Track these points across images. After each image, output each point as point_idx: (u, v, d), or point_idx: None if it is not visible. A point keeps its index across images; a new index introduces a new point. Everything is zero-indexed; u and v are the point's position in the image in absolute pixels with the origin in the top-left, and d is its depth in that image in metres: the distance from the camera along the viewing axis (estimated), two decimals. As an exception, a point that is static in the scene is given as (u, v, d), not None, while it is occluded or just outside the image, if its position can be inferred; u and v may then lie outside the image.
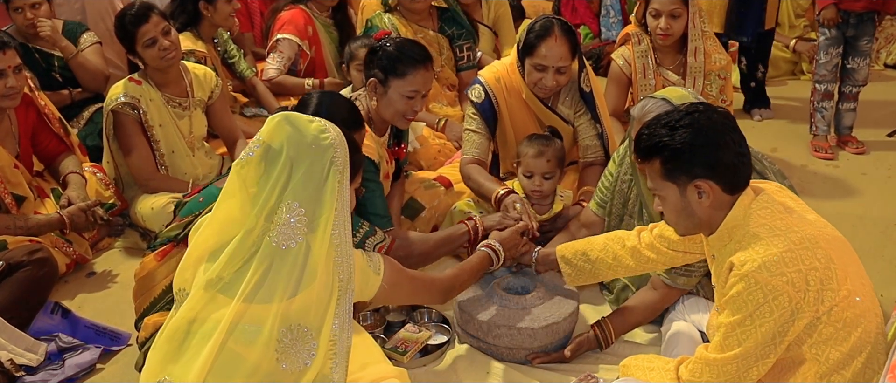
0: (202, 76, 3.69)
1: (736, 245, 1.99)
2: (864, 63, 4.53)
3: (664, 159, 2.00)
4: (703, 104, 2.09)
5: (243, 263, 1.80)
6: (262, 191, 1.80)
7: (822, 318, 1.94)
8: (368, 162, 2.79)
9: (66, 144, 3.55)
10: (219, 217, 1.87)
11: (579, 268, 2.59)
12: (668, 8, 3.67)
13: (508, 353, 2.63)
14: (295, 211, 1.79)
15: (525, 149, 3.13)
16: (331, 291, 1.84)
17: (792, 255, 1.90)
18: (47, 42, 4.00)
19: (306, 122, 1.86)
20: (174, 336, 1.84)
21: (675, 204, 2.04)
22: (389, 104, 2.94)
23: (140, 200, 3.52)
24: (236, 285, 1.79)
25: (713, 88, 3.76)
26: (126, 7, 3.54)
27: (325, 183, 1.82)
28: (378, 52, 2.95)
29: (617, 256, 2.50)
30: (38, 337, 2.72)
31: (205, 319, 1.81)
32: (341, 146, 1.87)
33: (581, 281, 2.64)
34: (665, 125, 2.00)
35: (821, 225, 2.07)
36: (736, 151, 1.98)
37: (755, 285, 1.90)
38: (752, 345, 1.93)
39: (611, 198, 2.91)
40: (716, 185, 1.98)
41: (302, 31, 4.51)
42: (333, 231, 1.83)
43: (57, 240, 3.25)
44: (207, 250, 1.87)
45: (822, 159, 4.55)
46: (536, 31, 3.14)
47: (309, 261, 1.80)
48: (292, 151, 1.81)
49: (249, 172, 1.83)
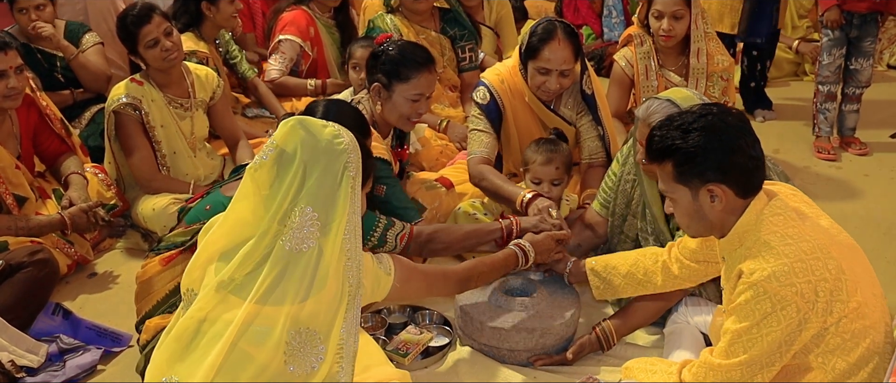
0: (204, 77, 3.69)
1: (746, 251, 1.97)
2: (867, 64, 4.52)
3: (676, 162, 1.97)
4: (718, 106, 2.05)
5: (256, 265, 1.81)
6: (276, 195, 1.81)
7: (830, 329, 1.92)
8: (382, 161, 2.84)
9: (67, 145, 3.55)
10: (231, 219, 1.88)
11: (609, 281, 2.56)
12: (671, 9, 3.66)
13: (510, 356, 2.62)
14: (308, 215, 1.79)
15: (533, 156, 3.10)
16: (341, 296, 1.85)
17: (802, 265, 1.88)
18: (50, 42, 3.99)
19: (320, 127, 1.87)
20: (183, 335, 1.84)
21: (686, 207, 2.02)
22: (394, 108, 2.95)
23: (141, 201, 3.51)
24: (249, 287, 1.80)
25: (715, 90, 3.75)
26: (128, 8, 3.53)
27: (339, 187, 1.83)
28: (380, 57, 2.94)
29: (647, 272, 2.47)
30: (38, 339, 2.71)
31: (215, 319, 1.82)
32: (354, 151, 1.88)
33: (609, 295, 2.61)
34: (678, 127, 1.97)
35: (834, 232, 2.05)
36: (750, 155, 1.95)
37: (764, 294, 1.88)
38: (757, 353, 1.92)
39: (614, 198, 2.90)
40: (729, 190, 1.95)
41: (304, 32, 4.50)
42: (345, 235, 1.84)
43: (58, 240, 3.25)
44: (218, 251, 1.88)
45: (824, 160, 4.54)
46: (539, 35, 3.13)
47: (320, 265, 1.81)
48: (306, 155, 1.81)
49: (263, 176, 1.83)
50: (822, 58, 4.55)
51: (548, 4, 6.76)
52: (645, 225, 2.82)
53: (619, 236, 2.93)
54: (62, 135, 3.53)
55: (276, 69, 4.50)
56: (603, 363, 2.63)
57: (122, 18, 3.44)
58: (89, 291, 3.24)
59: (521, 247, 2.58)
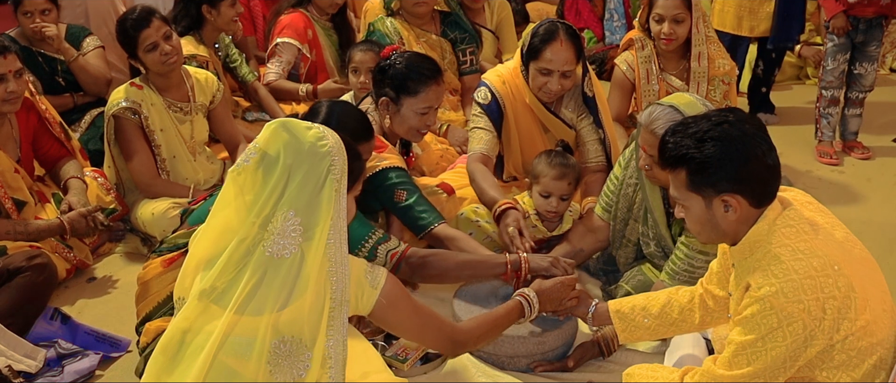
0: (204, 81, 3.68)
1: (756, 262, 1.93)
2: (872, 68, 4.51)
3: (690, 171, 1.93)
4: (734, 112, 2.00)
5: (237, 272, 1.78)
6: (258, 199, 1.78)
7: (837, 346, 1.90)
8: (397, 169, 2.80)
9: (67, 149, 3.54)
10: (215, 225, 1.85)
11: (638, 323, 2.37)
12: (672, 13, 3.65)
13: (509, 362, 2.60)
14: (290, 220, 1.76)
15: (546, 170, 3.05)
16: (323, 302, 1.81)
17: (811, 283, 1.85)
18: (51, 46, 3.99)
19: (303, 129, 1.83)
20: (168, 347, 1.82)
21: (699, 215, 1.98)
22: (403, 121, 2.94)
23: (141, 205, 3.51)
24: (229, 295, 1.77)
25: (717, 94, 3.74)
26: (127, 11, 3.52)
27: (322, 191, 1.79)
28: (388, 71, 2.93)
29: (683, 310, 2.31)
30: (37, 344, 2.69)
31: (198, 330, 1.79)
32: (339, 153, 1.84)
33: (637, 337, 2.43)
34: (692, 135, 1.92)
35: (849, 246, 2.01)
36: (766, 165, 1.91)
37: (770, 309, 1.85)
38: (761, 367, 1.89)
39: (616, 201, 2.89)
40: (743, 200, 1.92)
41: (301, 35, 4.49)
42: (329, 240, 1.80)
43: (57, 245, 3.24)
44: (204, 259, 1.85)
45: (827, 165, 4.53)
46: (541, 35, 3.13)
47: (302, 271, 1.78)
48: (289, 159, 1.78)
49: (246, 180, 1.81)
50: (826, 63, 4.53)
51: (549, 8, 6.75)
52: (646, 229, 2.82)
53: (621, 240, 2.93)
54: (61, 138, 3.52)
55: (273, 72, 4.49)
56: (603, 369, 2.61)
57: (122, 22, 3.43)
58: (88, 296, 3.23)
59: (526, 296, 2.40)
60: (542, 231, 3.14)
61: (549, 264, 2.57)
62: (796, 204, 2.01)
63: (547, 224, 3.14)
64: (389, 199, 2.81)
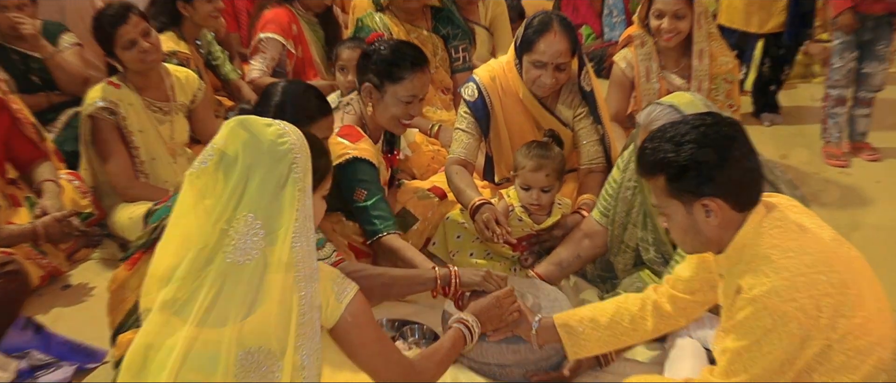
0: (184, 79, 3.63)
1: (745, 266, 1.91)
2: (881, 68, 4.48)
3: (669, 177, 1.92)
4: (711, 115, 2.02)
5: (198, 282, 1.70)
6: (218, 204, 1.70)
7: (834, 346, 1.87)
8: (367, 163, 2.80)
9: (40, 150, 3.47)
10: (176, 235, 1.77)
11: (586, 335, 2.33)
12: (673, 8, 3.60)
13: (501, 372, 2.53)
14: (251, 223, 1.69)
15: (523, 161, 3.05)
16: (289, 309, 1.73)
17: (805, 280, 1.83)
18: (27, 43, 3.92)
19: (263, 127, 1.76)
20: (132, 365, 1.75)
21: (681, 222, 1.97)
22: (385, 110, 2.92)
23: (118, 210, 3.46)
24: (190, 306, 1.70)
25: (719, 93, 3.70)
26: (104, 7, 3.48)
27: (283, 191, 1.72)
28: (372, 56, 2.91)
29: (634, 318, 2.30)
30: (8, 354, 2.66)
31: (159, 346, 1.72)
32: (302, 151, 1.76)
33: (586, 351, 2.37)
34: (670, 139, 1.92)
35: (837, 245, 2.00)
36: (746, 167, 1.91)
37: (764, 310, 1.83)
38: (758, 372, 1.87)
39: (614, 205, 2.86)
40: (724, 204, 1.91)
41: (286, 30, 4.44)
42: (294, 244, 1.72)
43: (30, 251, 3.17)
44: (168, 268, 1.77)
45: (834, 166, 4.51)
46: (535, 27, 3.10)
47: (266, 276, 1.71)
48: (249, 159, 1.71)
49: (205, 183, 1.73)
50: (833, 61, 4.50)
51: (546, 4, 6.74)
52: (646, 234, 2.78)
53: (620, 246, 2.89)
54: (35, 140, 3.45)
55: (257, 69, 4.43)
56: (601, 379, 2.57)
57: (98, 18, 3.36)
58: (63, 304, 3.19)
59: (465, 322, 2.28)
60: (530, 224, 3.10)
61: (482, 278, 2.50)
62: (781, 207, 2.01)
63: (534, 217, 3.10)
64: (350, 194, 2.82)
